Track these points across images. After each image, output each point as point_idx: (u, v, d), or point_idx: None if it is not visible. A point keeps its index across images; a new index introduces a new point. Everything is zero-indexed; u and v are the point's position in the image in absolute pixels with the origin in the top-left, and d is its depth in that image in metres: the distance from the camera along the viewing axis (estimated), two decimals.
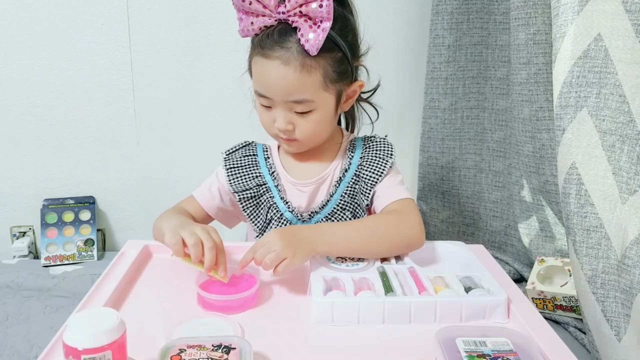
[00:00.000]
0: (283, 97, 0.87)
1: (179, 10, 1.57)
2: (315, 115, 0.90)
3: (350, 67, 0.90)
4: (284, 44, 0.84)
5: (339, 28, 0.87)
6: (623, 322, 0.95)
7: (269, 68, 0.86)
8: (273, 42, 0.85)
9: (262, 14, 0.85)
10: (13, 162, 1.63)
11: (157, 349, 0.61)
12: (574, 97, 1.00)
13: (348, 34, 0.90)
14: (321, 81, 0.87)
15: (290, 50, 0.84)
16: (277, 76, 0.86)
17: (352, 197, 0.97)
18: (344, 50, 0.88)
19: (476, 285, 0.78)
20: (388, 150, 0.98)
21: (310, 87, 0.87)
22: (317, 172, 0.98)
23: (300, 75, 0.85)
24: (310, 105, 0.88)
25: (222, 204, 1.01)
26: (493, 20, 1.48)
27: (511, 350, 0.63)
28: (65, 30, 1.55)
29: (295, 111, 0.89)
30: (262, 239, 0.80)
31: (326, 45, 0.84)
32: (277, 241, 0.78)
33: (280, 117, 0.89)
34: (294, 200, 0.97)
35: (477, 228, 1.63)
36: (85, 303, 0.74)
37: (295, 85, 0.86)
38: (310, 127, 0.91)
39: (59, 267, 1.57)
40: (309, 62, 0.85)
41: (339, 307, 0.72)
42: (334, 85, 0.89)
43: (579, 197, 1.01)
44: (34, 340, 1.19)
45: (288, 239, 0.79)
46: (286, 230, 0.81)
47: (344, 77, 0.90)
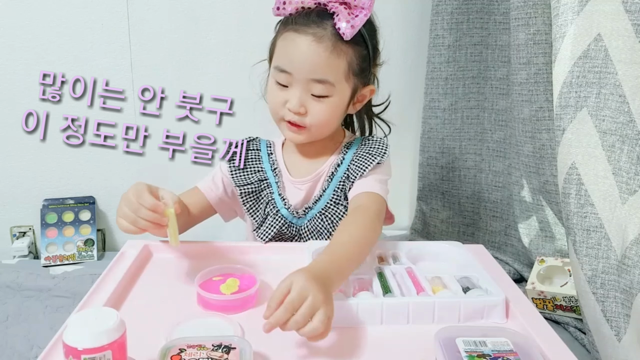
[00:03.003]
0: (308, 74, 0.89)
1: (179, 10, 1.57)
2: (330, 102, 0.91)
3: (369, 68, 0.95)
4: (320, 23, 0.88)
5: (369, 29, 0.93)
6: (623, 322, 0.95)
7: (300, 42, 0.88)
8: (310, 20, 0.88)
9: None
10: (13, 162, 1.63)
11: (157, 348, 0.61)
12: (574, 97, 1.00)
13: (374, 37, 0.96)
14: (346, 68, 0.90)
15: (325, 29, 0.88)
16: (308, 51, 0.88)
17: (345, 193, 0.97)
18: (369, 49, 0.93)
19: (474, 286, 0.78)
20: (381, 148, 0.98)
21: (335, 71, 0.89)
22: (314, 169, 0.99)
23: (330, 55, 0.88)
24: (329, 89, 0.90)
25: (224, 195, 1.02)
26: (493, 20, 1.48)
27: (511, 351, 0.63)
28: (65, 30, 1.55)
29: (312, 93, 0.90)
30: (295, 294, 0.65)
31: (357, 38, 0.88)
32: (316, 299, 0.64)
33: (295, 98, 0.90)
34: (291, 198, 0.98)
35: (477, 228, 1.63)
36: (85, 303, 0.74)
37: (323, 64, 0.88)
38: (322, 113, 0.91)
39: (59, 267, 1.57)
40: (341, 45, 0.88)
41: (338, 309, 0.71)
42: (354, 78, 0.92)
43: (579, 197, 1.01)
44: (34, 340, 1.19)
45: (320, 288, 0.66)
46: (308, 274, 0.67)
47: (363, 74, 0.94)
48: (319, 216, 0.97)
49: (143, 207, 0.77)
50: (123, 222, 0.79)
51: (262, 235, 0.97)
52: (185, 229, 0.97)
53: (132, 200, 0.78)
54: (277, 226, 0.97)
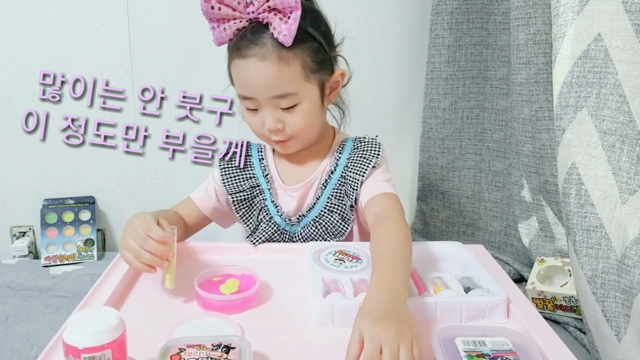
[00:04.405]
0: (266, 93, 0.87)
1: (179, 10, 1.57)
2: (302, 108, 0.89)
3: (328, 57, 0.91)
4: (258, 40, 0.85)
5: (310, 19, 0.88)
6: (623, 322, 0.95)
7: (247, 67, 0.86)
8: (247, 41, 0.85)
9: (233, 17, 0.85)
10: (13, 162, 1.63)
11: (157, 348, 0.61)
12: (574, 97, 1.00)
13: (320, 24, 0.91)
14: (301, 72, 0.87)
15: (265, 45, 0.84)
16: (257, 73, 0.85)
17: (340, 199, 0.96)
18: (319, 40, 0.89)
19: (475, 286, 0.78)
20: (374, 150, 0.97)
21: (291, 79, 0.86)
22: (306, 175, 0.98)
23: (279, 68, 0.85)
24: (294, 98, 0.88)
25: (218, 204, 1.01)
26: (493, 20, 1.48)
27: (510, 350, 0.63)
28: (65, 30, 1.55)
29: (281, 108, 0.88)
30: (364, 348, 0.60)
31: (300, 37, 0.84)
32: (381, 333, 0.60)
33: (268, 117, 0.89)
34: (284, 205, 0.98)
35: (477, 228, 1.63)
36: (86, 303, 0.74)
37: (276, 79, 0.86)
38: (299, 121, 0.90)
39: (59, 267, 1.57)
40: (286, 53, 0.85)
41: (339, 309, 0.72)
42: (315, 75, 0.89)
43: (579, 197, 1.01)
44: (34, 340, 1.19)
45: (395, 328, 0.61)
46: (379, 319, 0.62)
47: (323, 66, 0.90)
48: (312, 224, 0.96)
49: (150, 239, 0.76)
50: (127, 254, 0.77)
51: (255, 243, 0.95)
52: (183, 240, 0.97)
53: (138, 231, 0.77)
54: (270, 233, 0.96)
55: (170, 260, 0.77)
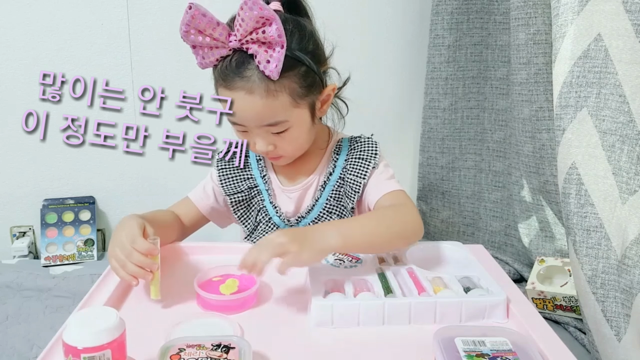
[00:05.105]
0: (257, 123, 0.86)
1: (179, 10, 1.56)
2: (293, 132, 0.88)
3: (318, 77, 0.88)
4: (243, 73, 0.82)
5: (297, 41, 0.84)
6: (623, 322, 0.95)
7: (235, 99, 0.84)
8: (232, 73, 0.83)
9: (215, 46, 0.83)
10: (13, 162, 1.63)
11: (156, 348, 0.61)
12: (574, 97, 1.00)
13: (308, 44, 0.86)
14: (290, 101, 0.84)
15: (251, 79, 0.82)
16: (245, 106, 0.84)
17: (338, 201, 0.96)
18: (308, 64, 0.85)
19: (475, 285, 0.78)
20: (371, 150, 0.96)
21: (280, 109, 0.84)
22: (304, 177, 0.98)
23: (267, 101, 0.83)
24: (284, 125, 0.86)
25: (216, 204, 1.01)
26: (493, 20, 1.48)
27: (510, 350, 0.63)
28: (65, 30, 1.55)
29: (272, 132, 0.87)
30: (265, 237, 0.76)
31: (288, 64, 0.80)
32: (280, 236, 0.73)
33: (259, 142, 0.88)
34: (283, 205, 0.98)
35: (477, 228, 1.63)
36: (86, 303, 0.75)
37: (265, 112, 0.84)
38: (290, 144, 0.90)
39: (59, 267, 1.57)
40: (273, 86, 0.82)
41: (339, 309, 0.72)
42: (304, 99, 0.86)
43: (579, 197, 1.01)
44: (34, 340, 1.19)
45: (294, 234, 0.74)
46: (292, 228, 0.79)
47: (312, 89, 0.87)
48: (312, 225, 0.96)
49: (135, 252, 0.75)
50: (114, 263, 0.77)
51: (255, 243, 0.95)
52: (180, 240, 0.97)
53: (124, 242, 0.77)
54: (270, 233, 0.96)
55: (154, 272, 0.76)
